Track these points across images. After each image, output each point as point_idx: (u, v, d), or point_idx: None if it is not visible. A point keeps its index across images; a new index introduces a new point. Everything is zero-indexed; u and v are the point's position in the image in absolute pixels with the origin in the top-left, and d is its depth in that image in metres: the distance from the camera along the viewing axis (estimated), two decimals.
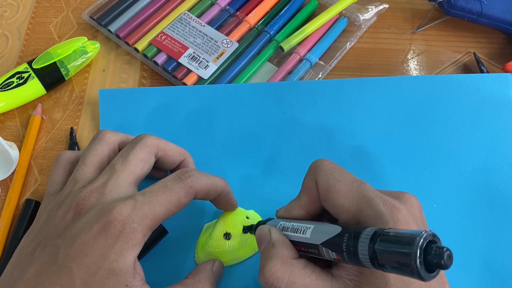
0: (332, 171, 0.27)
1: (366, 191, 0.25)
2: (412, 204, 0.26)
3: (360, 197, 0.25)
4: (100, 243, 0.26)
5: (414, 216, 0.25)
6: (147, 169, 0.31)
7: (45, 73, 0.44)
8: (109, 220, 0.26)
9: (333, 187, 0.26)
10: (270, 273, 0.25)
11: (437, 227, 0.36)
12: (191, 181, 0.30)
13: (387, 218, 0.23)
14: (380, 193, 0.25)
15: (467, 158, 0.39)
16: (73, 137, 0.42)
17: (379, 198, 0.25)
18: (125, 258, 0.26)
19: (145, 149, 0.31)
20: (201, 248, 0.34)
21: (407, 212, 0.24)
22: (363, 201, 0.25)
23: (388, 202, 0.24)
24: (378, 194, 0.25)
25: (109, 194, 0.28)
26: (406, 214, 0.24)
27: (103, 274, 0.26)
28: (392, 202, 0.24)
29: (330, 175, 0.27)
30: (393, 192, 0.27)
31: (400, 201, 0.25)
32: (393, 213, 0.24)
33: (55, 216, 0.29)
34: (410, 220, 0.24)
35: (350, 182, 0.26)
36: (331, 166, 0.28)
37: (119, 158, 0.30)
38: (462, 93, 0.41)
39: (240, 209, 0.35)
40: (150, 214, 0.27)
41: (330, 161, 0.28)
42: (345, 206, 0.25)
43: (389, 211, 0.24)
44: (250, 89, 0.42)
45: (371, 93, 0.42)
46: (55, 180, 0.32)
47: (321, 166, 0.28)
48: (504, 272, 0.35)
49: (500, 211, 0.37)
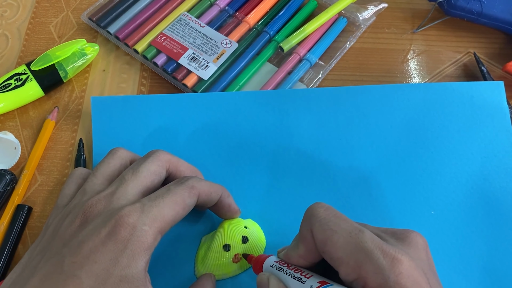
0: (328, 220, 0.25)
1: (365, 242, 0.23)
2: (417, 246, 0.25)
3: (359, 249, 0.23)
4: (109, 248, 0.25)
5: (419, 262, 0.24)
6: (157, 183, 0.31)
7: (44, 75, 0.43)
8: (118, 224, 0.26)
9: (330, 239, 0.25)
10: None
11: (435, 234, 0.36)
12: (192, 183, 0.30)
13: (388, 272, 0.22)
14: (381, 243, 0.23)
15: (463, 165, 0.39)
16: (80, 148, 0.41)
17: (378, 249, 0.23)
18: (137, 263, 0.25)
19: (156, 163, 0.31)
20: (201, 261, 0.34)
21: (409, 262, 0.23)
22: (362, 254, 0.23)
23: (389, 254, 0.23)
24: (378, 244, 0.23)
25: (117, 202, 0.28)
26: (408, 265, 0.22)
27: (114, 282, 0.24)
28: (393, 253, 0.23)
29: (326, 225, 0.25)
30: (397, 231, 0.26)
31: (403, 245, 0.25)
32: (394, 266, 0.22)
33: (61, 227, 0.28)
34: (413, 270, 0.22)
35: (347, 232, 0.24)
36: (326, 214, 0.26)
37: (130, 170, 0.30)
38: (456, 100, 0.42)
39: (237, 219, 0.35)
40: (159, 216, 0.27)
41: (326, 207, 0.27)
42: (343, 259, 0.24)
43: (390, 265, 0.22)
44: (246, 97, 0.42)
45: (366, 101, 0.42)
46: (65, 194, 0.32)
47: (316, 214, 0.26)
48: (503, 278, 0.35)
49: (497, 217, 0.37)
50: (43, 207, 0.39)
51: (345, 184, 0.38)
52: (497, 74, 0.47)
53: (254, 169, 0.39)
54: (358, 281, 0.23)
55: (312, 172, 0.39)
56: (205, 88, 0.44)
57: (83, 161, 0.41)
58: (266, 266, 0.29)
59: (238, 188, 0.38)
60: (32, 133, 0.43)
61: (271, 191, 0.38)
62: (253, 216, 0.36)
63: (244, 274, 0.34)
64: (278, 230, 0.36)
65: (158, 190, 0.29)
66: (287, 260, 0.28)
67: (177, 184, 0.30)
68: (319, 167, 0.39)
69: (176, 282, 0.34)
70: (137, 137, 0.40)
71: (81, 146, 0.41)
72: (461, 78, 0.47)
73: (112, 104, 0.42)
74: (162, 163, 0.31)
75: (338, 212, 0.26)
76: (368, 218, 0.37)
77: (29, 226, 0.38)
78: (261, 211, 0.37)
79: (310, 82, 0.45)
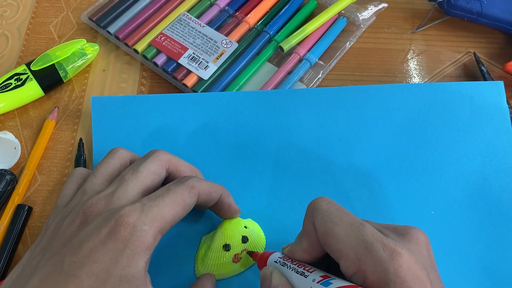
0: (329, 213, 0.26)
1: (365, 235, 0.24)
2: (417, 242, 0.25)
3: (359, 242, 0.24)
4: (109, 248, 0.25)
5: (420, 257, 0.24)
6: (157, 182, 0.31)
7: (44, 75, 0.43)
8: (118, 224, 0.26)
9: (331, 231, 0.25)
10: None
11: (435, 233, 0.36)
12: (192, 183, 0.30)
13: (387, 265, 0.22)
14: (381, 236, 0.24)
15: (463, 165, 0.39)
16: (80, 148, 0.41)
17: (378, 242, 0.23)
18: (137, 263, 0.25)
19: (156, 162, 0.31)
20: (201, 261, 0.34)
21: (409, 256, 0.23)
22: (362, 246, 0.23)
23: (389, 247, 0.23)
24: (378, 238, 0.23)
25: (117, 202, 0.28)
26: (408, 258, 0.23)
27: (114, 281, 0.24)
28: (393, 246, 0.23)
29: (328, 218, 0.25)
30: (399, 227, 0.26)
31: (404, 240, 0.25)
32: (394, 259, 0.22)
33: (61, 226, 0.28)
34: (413, 264, 0.22)
35: (348, 225, 0.25)
36: (328, 207, 0.26)
37: (130, 170, 0.30)
38: (456, 100, 0.42)
39: (237, 218, 0.35)
40: (159, 216, 0.27)
41: (328, 201, 0.27)
42: (343, 251, 0.24)
43: (389, 257, 0.22)
44: (246, 97, 0.42)
45: (366, 101, 0.42)
46: (65, 193, 0.32)
47: (318, 207, 0.26)
48: (504, 278, 0.35)
49: (498, 217, 0.37)
50: (43, 207, 0.39)
51: (345, 184, 0.38)
52: (497, 74, 0.47)
53: (254, 169, 0.39)
54: (358, 274, 0.23)
55: (312, 172, 0.39)
56: (205, 88, 0.44)
57: (83, 161, 0.41)
58: (270, 262, 0.30)
59: (238, 188, 0.38)
60: (32, 133, 0.43)
61: (271, 191, 0.38)
62: (253, 216, 0.36)
63: (245, 273, 0.34)
64: (278, 230, 0.36)
65: (158, 190, 0.29)
66: (291, 256, 0.28)
67: (177, 184, 0.30)
68: (319, 167, 0.39)
69: (176, 282, 0.34)
70: (137, 137, 0.40)
71: (81, 146, 0.41)
72: (461, 78, 0.47)
73: (112, 104, 0.42)
74: (162, 163, 0.31)
75: (340, 206, 0.27)
76: (368, 218, 0.35)
77: (29, 226, 0.38)
78: (261, 211, 0.37)
79: (310, 82, 0.45)
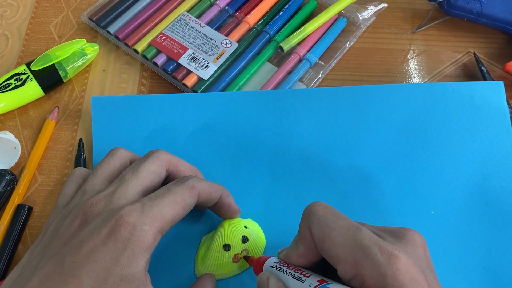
0: (326, 218, 0.26)
1: (362, 239, 0.24)
2: (414, 244, 0.25)
3: (356, 246, 0.23)
4: (109, 247, 0.25)
5: (417, 259, 0.24)
6: (157, 182, 0.31)
7: (44, 75, 0.43)
8: (118, 223, 0.26)
9: (328, 237, 0.25)
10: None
11: (435, 234, 0.36)
12: (192, 182, 0.30)
13: (385, 269, 0.22)
14: (378, 240, 0.24)
15: (463, 165, 0.39)
16: (80, 148, 0.41)
17: (376, 246, 0.23)
18: (137, 263, 0.25)
19: (156, 162, 0.31)
20: (201, 261, 0.34)
21: (407, 259, 0.23)
22: (360, 250, 0.23)
23: (386, 250, 0.23)
24: (375, 241, 0.23)
25: (117, 202, 0.28)
26: (405, 262, 0.22)
27: (114, 281, 0.25)
28: (390, 249, 0.23)
29: (324, 223, 0.25)
30: (395, 229, 0.26)
31: (401, 242, 0.25)
32: (392, 262, 0.22)
33: (61, 226, 0.28)
34: (410, 267, 0.22)
35: (345, 229, 0.24)
36: (324, 212, 0.26)
37: (130, 170, 0.30)
38: (456, 100, 0.42)
39: (237, 218, 0.35)
40: (159, 216, 0.27)
41: (324, 205, 0.27)
42: (341, 256, 0.24)
43: (387, 261, 0.22)
44: (246, 97, 0.42)
45: (366, 101, 0.42)
46: (65, 193, 0.32)
47: (314, 212, 0.26)
48: (503, 278, 0.35)
49: (498, 216, 0.37)
50: (43, 207, 0.39)
51: (345, 184, 0.38)
52: (497, 74, 0.47)
53: (254, 169, 0.39)
54: (356, 278, 0.23)
55: (312, 172, 0.39)
56: (205, 88, 0.44)
57: (83, 161, 0.41)
58: (266, 267, 0.29)
59: (238, 188, 0.38)
60: (32, 133, 0.43)
61: (271, 191, 0.38)
62: (253, 216, 0.36)
63: (244, 273, 0.34)
64: (278, 230, 0.36)
65: (158, 190, 0.29)
66: (287, 260, 0.28)
67: (177, 183, 0.30)
68: (319, 167, 0.39)
69: (176, 282, 0.34)
70: (137, 137, 0.40)
71: (81, 146, 0.41)
72: (461, 78, 0.47)
73: (112, 104, 0.42)
74: (162, 163, 0.31)
75: (336, 210, 0.27)
76: (368, 218, 0.37)
77: (29, 226, 0.38)
78: (261, 211, 0.37)
79: (310, 82, 0.45)
